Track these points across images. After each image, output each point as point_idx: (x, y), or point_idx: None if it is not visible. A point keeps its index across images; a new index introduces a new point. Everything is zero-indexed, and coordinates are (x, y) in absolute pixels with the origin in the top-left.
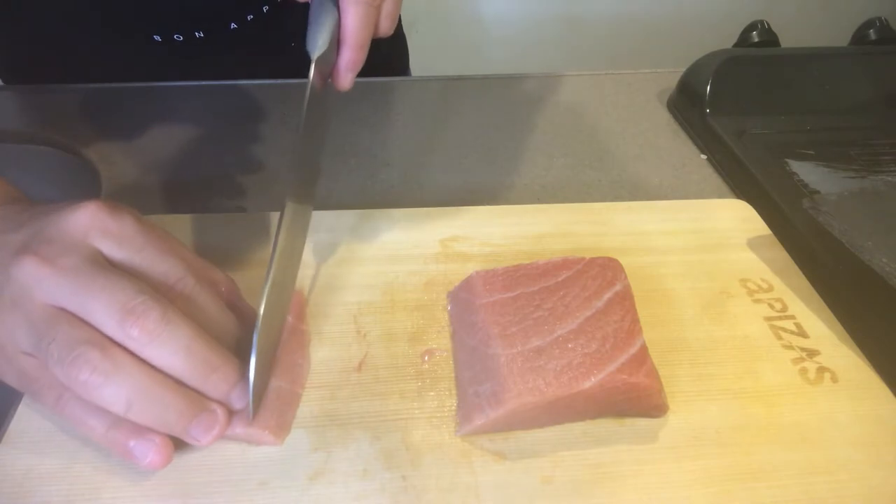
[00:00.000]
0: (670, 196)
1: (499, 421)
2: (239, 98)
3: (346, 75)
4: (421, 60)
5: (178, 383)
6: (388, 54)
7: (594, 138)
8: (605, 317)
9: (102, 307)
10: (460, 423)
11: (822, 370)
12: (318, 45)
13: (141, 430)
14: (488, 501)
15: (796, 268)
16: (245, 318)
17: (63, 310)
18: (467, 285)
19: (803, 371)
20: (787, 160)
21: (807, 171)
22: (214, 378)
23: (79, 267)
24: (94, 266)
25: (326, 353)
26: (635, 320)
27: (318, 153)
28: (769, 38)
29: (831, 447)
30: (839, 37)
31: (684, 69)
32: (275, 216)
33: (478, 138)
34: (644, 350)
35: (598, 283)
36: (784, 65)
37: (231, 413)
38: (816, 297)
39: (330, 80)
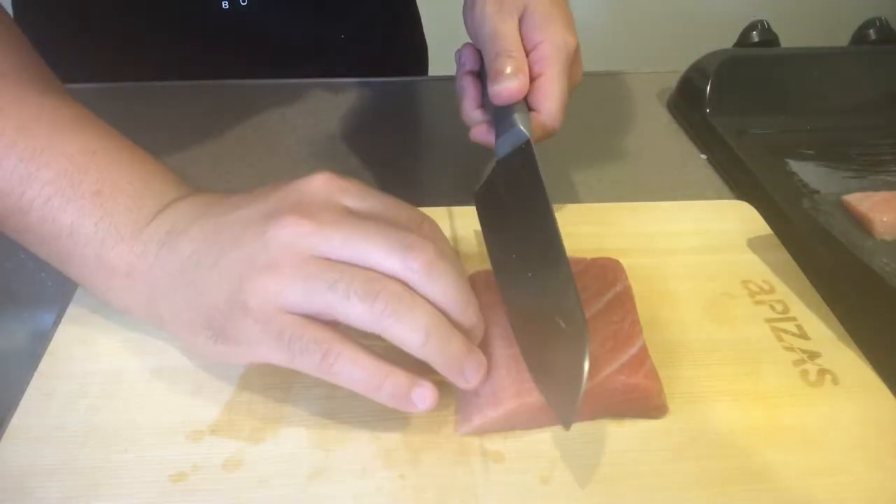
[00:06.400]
0: (670, 196)
1: (498, 421)
2: (240, 97)
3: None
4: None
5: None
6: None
7: (594, 138)
8: (605, 317)
9: (381, 248)
10: (459, 423)
11: (822, 372)
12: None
13: (412, 378)
14: (486, 501)
15: (798, 269)
16: None
17: (336, 261)
18: None
19: (804, 373)
20: (787, 160)
21: (807, 171)
22: (469, 311)
23: (339, 219)
24: (352, 216)
25: None
26: (635, 321)
27: None
28: (769, 38)
29: (832, 449)
30: (839, 37)
31: (684, 69)
32: None
33: None
34: (644, 351)
35: (598, 283)
36: (784, 65)
37: None
38: (818, 298)
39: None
